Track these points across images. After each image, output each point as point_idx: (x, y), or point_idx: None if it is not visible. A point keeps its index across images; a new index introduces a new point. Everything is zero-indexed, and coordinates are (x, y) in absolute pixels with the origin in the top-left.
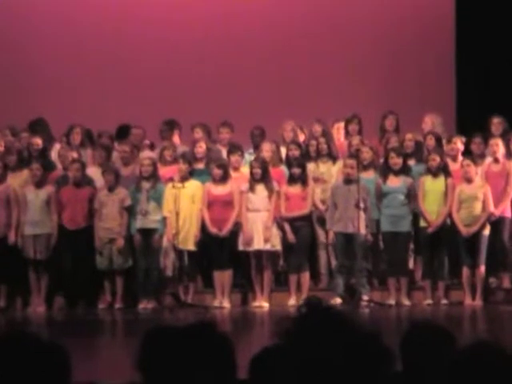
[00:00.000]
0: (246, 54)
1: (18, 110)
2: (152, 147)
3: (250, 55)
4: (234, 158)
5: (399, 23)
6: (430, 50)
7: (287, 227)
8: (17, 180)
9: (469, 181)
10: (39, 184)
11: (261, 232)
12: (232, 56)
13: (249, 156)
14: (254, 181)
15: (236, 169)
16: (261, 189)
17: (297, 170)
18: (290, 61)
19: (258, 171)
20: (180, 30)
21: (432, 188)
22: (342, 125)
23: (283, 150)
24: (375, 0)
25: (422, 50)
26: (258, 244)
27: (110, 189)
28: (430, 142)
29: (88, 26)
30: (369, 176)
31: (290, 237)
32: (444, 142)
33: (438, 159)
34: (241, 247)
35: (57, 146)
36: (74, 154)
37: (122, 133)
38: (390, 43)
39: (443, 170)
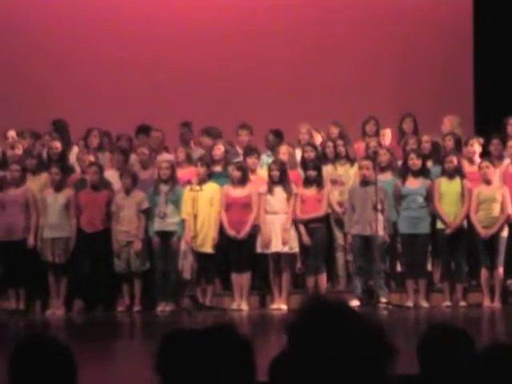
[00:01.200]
0: (262, 56)
1: (37, 113)
2: (166, 150)
3: (267, 57)
4: (251, 161)
5: (417, 24)
6: (448, 50)
7: (302, 229)
8: (36, 183)
9: (488, 182)
10: (58, 188)
11: (279, 234)
12: (248, 58)
13: (267, 158)
14: (272, 183)
15: (253, 171)
16: (279, 191)
17: (312, 173)
18: (307, 63)
19: (276, 173)
20: (197, 31)
21: (448, 190)
22: (387, 131)
23: (298, 153)
24: (392, 2)
25: (439, 51)
26: (276, 246)
27: (127, 192)
28: (449, 143)
29: (106, 29)
30: (386, 178)
31: (305, 239)
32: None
33: (455, 161)
34: (259, 250)
35: (75, 149)
36: (91, 158)
37: (142, 131)
38: (408, 44)
39: (458, 172)
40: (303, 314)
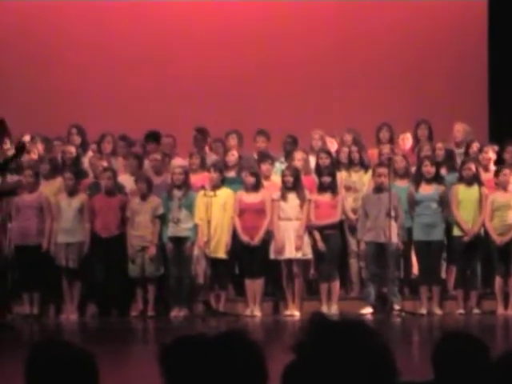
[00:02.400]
0: (276, 61)
1: (51, 118)
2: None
3: (282, 63)
4: (265, 167)
5: (432, 31)
6: (463, 58)
7: (317, 235)
8: (50, 188)
9: (505, 189)
10: (72, 192)
11: (292, 240)
12: (262, 64)
13: (280, 165)
14: (285, 189)
15: (267, 177)
16: (292, 197)
17: (327, 179)
18: (323, 69)
19: (289, 179)
20: (212, 37)
21: (466, 197)
22: (407, 135)
23: (312, 159)
24: (407, 9)
25: (454, 57)
26: (290, 253)
27: (143, 197)
28: (476, 150)
29: (119, 35)
30: (403, 184)
31: (320, 245)
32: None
33: (473, 168)
34: (272, 256)
35: (90, 154)
36: (104, 163)
37: (152, 138)
38: (423, 51)
39: (476, 179)
40: (308, 334)
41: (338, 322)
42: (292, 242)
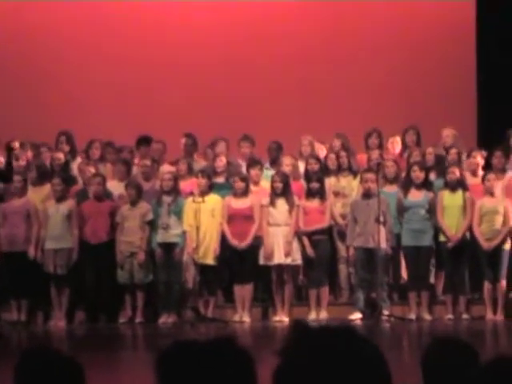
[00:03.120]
0: (265, 68)
1: (39, 125)
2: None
3: (270, 69)
4: (254, 172)
5: (420, 37)
6: (451, 63)
7: (306, 241)
8: (39, 194)
9: (492, 195)
10: (60, 198)
11: (282, 246)
12: (250, 70)
13: (266, 170)
14: (275, 195)
15: (256, 183)
16: (282, 203)
17: (315, 185)
18: (311, 75)
19: (279, 185)
20: (199, 44)
21: (451, 202)
22: (396, 139)
23: (301, 165)
24: (397, 16)
25: (443, 63)
26: (279, 258)
27: (133, 203)
28: (454, 156)
29: (108, 41)
30: (392, 190)
31: (309, 251)
32: (464, 156)
33: (457, 173)
34: (262, 261)
35: (78, 161)
36: (92, 169)
37: (143, 143)
38: (411, 57)
39: (461, 185)
40: (290, 341)
41: (321, 329)
42: (281, 248)
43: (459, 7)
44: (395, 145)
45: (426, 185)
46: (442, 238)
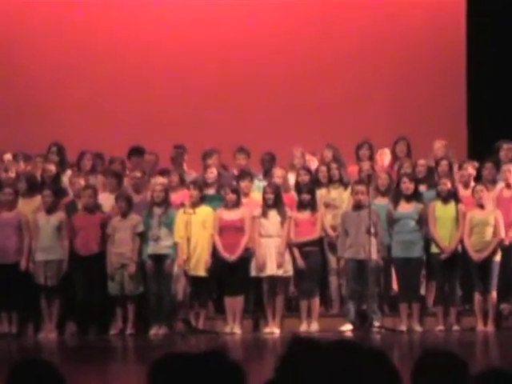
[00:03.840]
0: (255, 79)
1: (31, 136)
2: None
3: (260, 81)
4: (244, 184)
5: (411, 49)
6: (442, 75)
7: (297, 253)
8: (29, 206)
9: (482, 207)
10: (50, 210)
11: (273, 257)
12: (242, 81)
13: (258, 182)
14: (266, 206)
15: (246, 194)
16: (273, 214)
17: (306, 196)
18: (302, 87)
19: (270, 196)
20: (192, 56)
21: (443, 214)
22: (385, 150)
23: (292, 176)
24: (387, 26)
25: (433, 75)
26: (271, 270)
27: (124, 215)
28: (445, 167)
29: (99, 52)
30: (382, 202)
31: (300, 262)
32: (455, 167)
33: (448, 184)
34: (253, 273)
35: (69, 172)
36: (82, 181)
37: (135, 153)
38: (402, 68)
39: (453, 196)
40: (287, 357)
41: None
42: (273, 259)
43: (450, 18)
44: (384, 156)
45: (416, 196)
46: (433, 249)
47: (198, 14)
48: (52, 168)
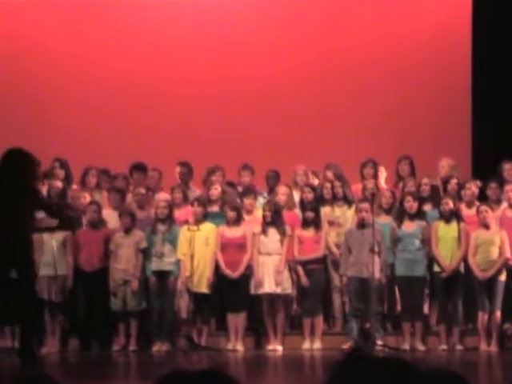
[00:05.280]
0: (261, 98)
1: (35, 152)
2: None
3: (265, 99)
4: (248, 201)
5: (415, 68)
6: (446, 94)
7: (301, 271)
8: None
9: (486, 227)
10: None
11: (272, 275)
12: (246, 99)
13: (263, 199)
14: (266, 224)
15: (249, 212)
16: (273, 232)
17: (310, 214)
18: (306, 105)
19: (268, 214)
20: (196, 73)
21: (445, 233)
22: (381, 169)
23: (296, 194)
24: (391, 46)
25: (438, 93)
26: (269, 287)
27: (127, 231)
28: (454, 186)
29: (103, 68)
30: (385, 220)
31: (304, 280)
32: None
33: (450, 203)
34: (252, 291)
35: (73, 188)
36: (86, 196)
37: (137, 169)
38: (406, 87)
39: (455, 215)
40: (343, 367)
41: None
42: (271, 277)
43: (454, 39)
44: (380, 174)
45: (420, 215)
46: (436, 269)
47: (202, 39)
48: (59, 184)
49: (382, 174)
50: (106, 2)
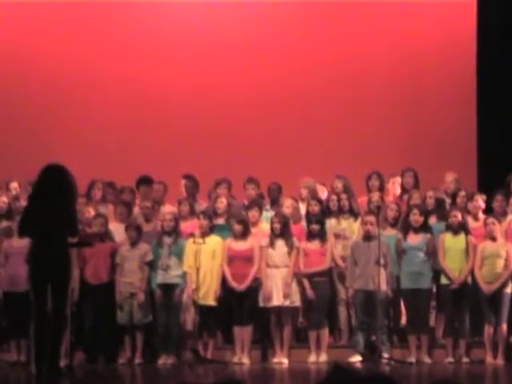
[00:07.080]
0: (266, 109)
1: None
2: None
3: (272, 111)
4: (252, 214)
5: (421, 79)
6: (452, 106)
7: (306, 283)
8: None
9: (493, 239)
10: None
11: (280, 288)
12: (252, 112)
13: (266, 212)
14: (274, 236)
15: (254, 224)
16: (281, 244)
17: (316, 226)
18: (312, 118)
19: (277, 226)
20: (201, 85)
21: (452, 245)
22: (397, 179)
23: (302, 207)
24: (397, 56)
25: (443, 105)
26: (278, 300)
27: (133, 244)
28: (463, 199)
29: (109, 82)
30: (391, 233)
31: (310, 293)
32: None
33: (459, 216)
34: (261, 303)
35: (79, 201)
36: (91, 211)
37: (143, 183)
38: (412, 99)
39: (463, 228)
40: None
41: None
42: (280, 290)
43: (459, 51)
44: (396, 185)
45: (425, 228)
46: (443, 281)
47: (209, 50)
48: None
49: (399, 185)
50: (113, 15)
